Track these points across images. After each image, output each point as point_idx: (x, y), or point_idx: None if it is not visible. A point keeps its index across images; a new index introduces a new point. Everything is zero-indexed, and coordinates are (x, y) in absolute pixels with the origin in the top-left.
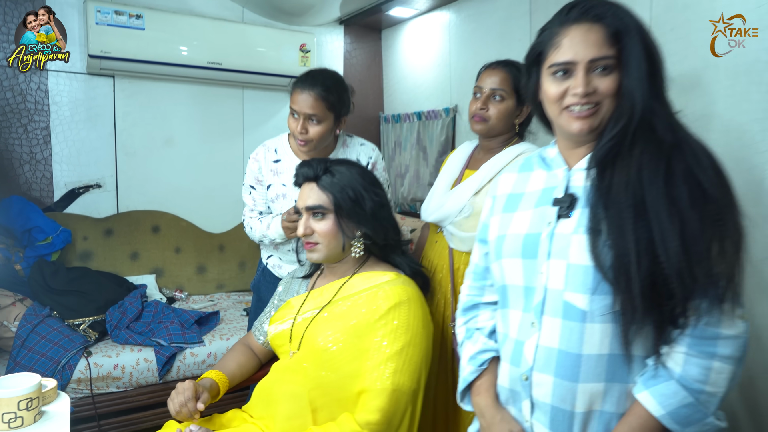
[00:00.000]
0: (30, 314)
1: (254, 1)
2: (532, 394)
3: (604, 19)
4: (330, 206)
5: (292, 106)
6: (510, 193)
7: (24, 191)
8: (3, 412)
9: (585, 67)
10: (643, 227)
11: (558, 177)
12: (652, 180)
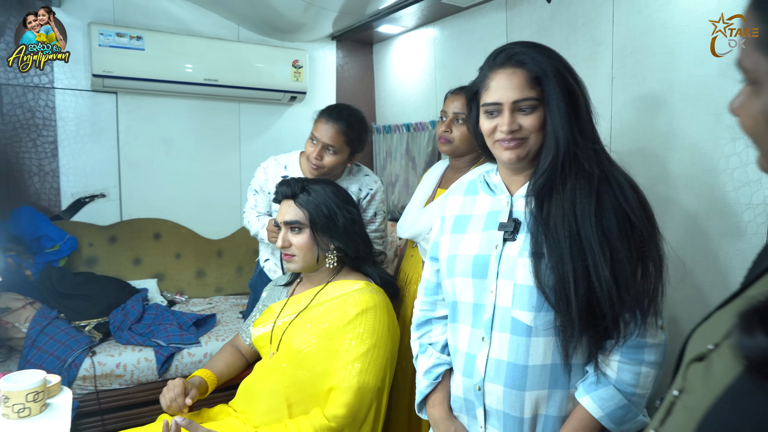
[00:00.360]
0: (39, 316)
1: (250, 19)
2: (485, 402)
3: (526, 64)
4: (306, 221)
5: (314, 132)
6: (457, 214)
7: (33, 201)
8: (13, 403)
9: (509, 107)
10: (579, 256)
11: (502, 202)
12: (584, 213)
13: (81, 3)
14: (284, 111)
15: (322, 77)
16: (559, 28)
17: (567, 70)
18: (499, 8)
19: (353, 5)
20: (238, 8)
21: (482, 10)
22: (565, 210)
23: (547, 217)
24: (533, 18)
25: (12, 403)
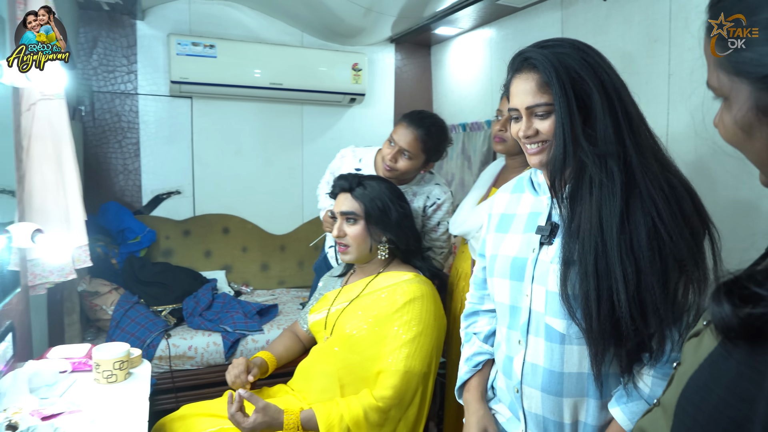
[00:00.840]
0: (123, 301)
1: (312, 25)
2: (523, 405)
3: (539, 67)
4: (361, 213)
5: (393, 134)
6: (503, 213)
7: (118, 197)
8: (103, 369)
9: (525, 113)
10: (604, 273)
11: (543, 203)
12: (609, 225)
13: (161, 16)
14: (344, 112)
15: (381, 79)
16: (615, 26)
17: (578, 73)
18: (555, 7)
19: (411, 9)
20: (302, 15)
21: (537, 9)
22: (592, 220)
23: (578, 224)
24: (588, 16)
25: (102, 369)
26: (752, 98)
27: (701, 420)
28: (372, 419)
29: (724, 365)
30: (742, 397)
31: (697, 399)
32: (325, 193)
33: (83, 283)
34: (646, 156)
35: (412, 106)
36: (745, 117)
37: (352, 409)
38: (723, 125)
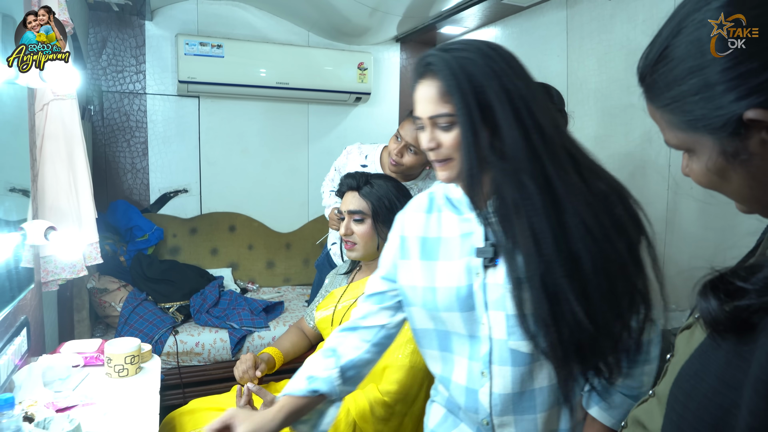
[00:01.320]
0: (131, 298)
1: (319, 25)
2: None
3: (439, 74)
4: (368, 212)
5: (399, 130)
6: (423, 236)
7: (126, 195)
8: (114, 364)
9: (428, 123)
10: (554, 295)
11: (472, 223)
12: (545, 242)
13: (170, 16)
14: (350, 111)
15: (386, 78)
16: (619, 25)
17: (486, 78)
18: (560, 6)
19: (417, 8)
20: (309, 15)
21: (542, 8)
22: (526, 239)
23: (513, 244)
24: (593, 15)
25: (114, 363)
26: (717, 146)
27: (692, 407)
28: (378, 413)
29: (713, 355)
30: (730, 384)
31: (688, 387)
32: (329, 190)
33: (92, 280)
34: (565, 168)
35: None
36: (716, 163)
37: (359, 403)
38: (695, 173)
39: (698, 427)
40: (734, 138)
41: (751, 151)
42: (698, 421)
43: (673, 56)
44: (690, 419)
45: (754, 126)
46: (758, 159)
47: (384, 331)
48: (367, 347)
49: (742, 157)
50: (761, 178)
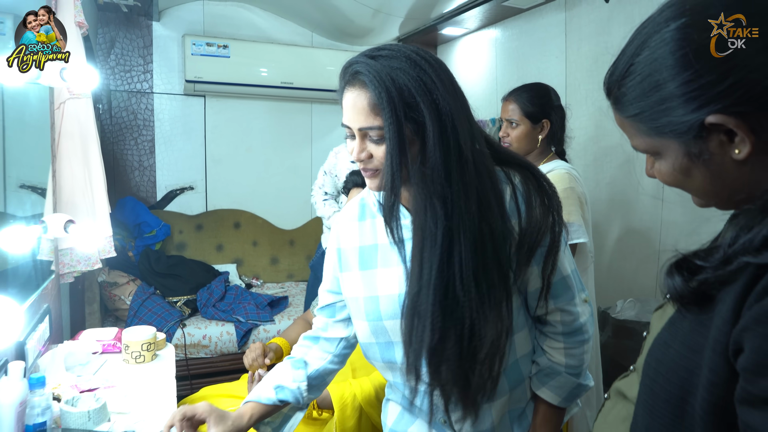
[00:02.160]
0: (140, 291)
1: (322, 26)
2: (454, 429)
3: (369, 85)
4: None
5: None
6: (360, 246)
7: (134, 192)
8: (132, 351)
9: (359, 134)
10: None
11: (407, 229)
12: (428, 270)
13: (177, 17)
14: None
15: None
16: (617, 28)
17: (418, 92)
18: (559, 9)
19: (419, 10)
20: (312, 16)
21: (542, 11)
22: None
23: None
24: (591, 18)
25: (131, 350)
26: (682, 149)
27: (662, 371)
28: (382, 398)
29: (679, 325)
30: (694, 349)
31: (659, 354)
32: (323, 199)
33: (103, 274)
34: (469, 197)
35: None
36: (681, 164)
37: (365, 388)
38: (661, 173)
39: (668, 388)
40: (697, 140)
41: (711, 151)
42: (668, 383)
43: (639, 72)
44: (661, 382)
45: (713, 129)
46: (717, 158)
47: (344, 342)
48: (330, 358)
49: (705, 157)
50: (719, 174)
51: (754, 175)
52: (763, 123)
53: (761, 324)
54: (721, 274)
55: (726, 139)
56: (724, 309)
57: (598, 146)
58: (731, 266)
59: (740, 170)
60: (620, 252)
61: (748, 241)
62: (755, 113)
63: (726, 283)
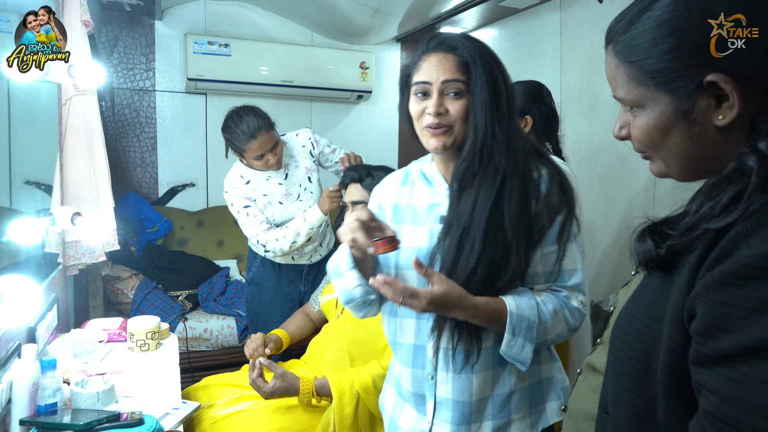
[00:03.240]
0: (142, 286)
1: (322, 25)
2: (436, 392)
3: (456, 50)
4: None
5: (252, 153)
6: (395, 203)
7: (136, 189)
8: (137, 339)
9: (438, 88)
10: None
11: (441, 195)
12: (482, 207)
13: (179, 16)
14: (351, 109)
15: (387, 77)
16: None
17: (495, 63)
18: (554, 9)
19: (417, 10)
20: (312, 15)
21: (538, 11)
22: (469, 205)
23: (464, 207)
24: (586, 18)
25: (136, 339)
26: (672, 104)
27: (628, 341)
28: (380, 386)
29: (643, 297)
30: (655, 318)
31: (624, 325)
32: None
33: (106, 268)
34: (517, 157)
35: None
36: (666, 120)
37: (362, 377)
38: (638, 129)
39: (633, 356)
40: (690, 98)
41: (699, 112)
42: (633, 351)
43: (653, 18)
44: (627, 351)
45: (707, 90)
46: (701, 120)
47: None
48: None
49: (692, 117)
50: (698, 138)
51: (727, 147)
52: (752, 95)
53: (711, 291)
54: (685, 241)
55: (713, 103)
56: (681, 280)
57: (591, 143)
58: (695, 233)
59: (718, 138)
60: (612, 247)
61: (709, 209)
62: (751, 83)
63: (689, 249)
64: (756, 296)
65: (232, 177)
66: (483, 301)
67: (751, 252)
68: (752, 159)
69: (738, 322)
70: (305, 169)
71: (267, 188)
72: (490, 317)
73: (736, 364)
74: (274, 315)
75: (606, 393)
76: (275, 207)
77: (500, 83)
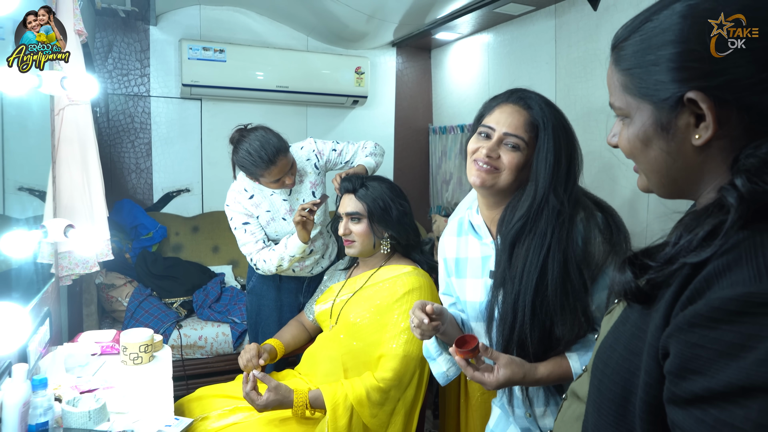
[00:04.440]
0: (137, 293)
1: (317, 30)
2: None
3: (531, 109)
4: (364, 213)
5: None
6: (456, 257)
7: (131, 195)
8: (130, 352)
9: (499, 137)
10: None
11: (490, 247)
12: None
13: (173, 22)
14: (347, 114)
15: (383, 82)
16: (604, 34)
17: (565, 132)
18: (549, 16)
19: (413, 15)
20: (308, 20)
21: (533, 17)
22: (519, 265)
23: (515, 266)
24: (580, 25)
25: (129, 352)
26: (653, 116)
27: (608, 372)
28: (373, 398)
29: (622, 329)
30: (634, 352)
31: (605, 357)
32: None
33: (100, 276)
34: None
35: (412, 108)
36: (646, 132)
37: (356, 389)
38: (623, 139)
39: (612, 388)
40: (670, 113)
41: (677, 128)
42: (613, 383)
43: (645, 32)
44: (607, 382)
45: (687, 107)
46: (679, 137)
47: None
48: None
49: (670, 131)
50: (675, 155)
51: (704, 168)
52: (730, 119)
53: (683, 332)
54: (663, 275)
55: (693, 122)
56: (657, 316)
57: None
58: (673, 266)
59: (694, 158)
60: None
61: (687, 242)
62: (728, 106)
63: (666, 283)
64: (725, 339)
65: (235, 190)
66: (547, 371)
67: (722, 294)
68: (732, 195)
69: (708, 365)
70: (310, 184)
71: (270, 204)
72: (558, 380)
73: (707, 407)
74: (273, 325)
75: (587, 423)
76: (278, 223)
77: (564, 153)
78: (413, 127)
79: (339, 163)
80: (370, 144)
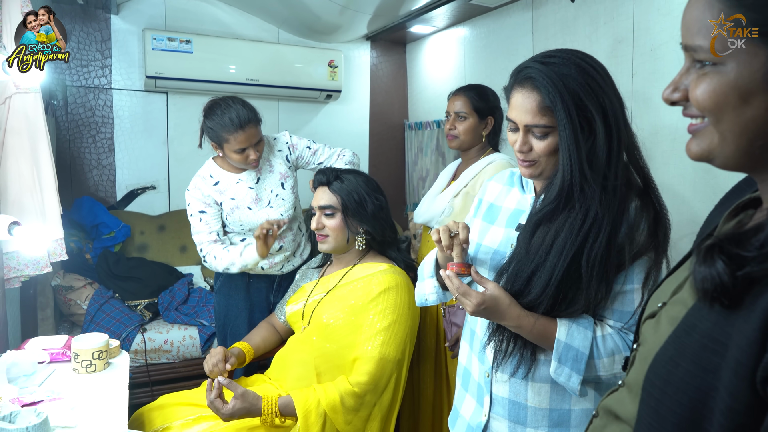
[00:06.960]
0: (97, 295)
1: (289, 22)
2: (491, 390)
3: (540, 89)
4: (338, 206)
5: (234, 146)
6: (492, 202)
7: (92, 192)
8: (82, 359)
9: (523, 129)
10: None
11: (527, 202)
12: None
13: (136, 10)
14: (320, 108)
15: (357, 76)
16: (582, 27)
17: (585, 96)
18: (526, 8)
19: (387, 7)
20: (279, 12)
21: (509, 10)
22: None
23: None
24: (558, 17)
25: (81, 359)
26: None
27: (669, 391)
28: (348, 404)
29: (687, 339)
30: (706, 368)
31: (664, 373)
32: (221, 248)
33: (57, 278)
34: (616, 190)
35: (387, 103)
36: (753, 81)
37: (329, 394)
38: (708, 90)
39: (676, 410)
40: None
41: None
42: (676, 404)
43: None
44: (668, 403)
45: None
46: None
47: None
48: None
49: None
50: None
51: None
52: None
53: None
54: (764, 268)
55: None
56: (749, 327)
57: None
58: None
59: None
60: None
61: None
62: None
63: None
64: None
65: (200, 176)
66: (533, 318)
67: None
68: None
69: None
70: (279, 175)
71: (236, 192)
72: (538, 337)
73: None
74: (243, 327)
75: None
76: (243, 211)
77: (584, 129)
78: (388, 123)
79: (312, 162)
80: (349, 152)
